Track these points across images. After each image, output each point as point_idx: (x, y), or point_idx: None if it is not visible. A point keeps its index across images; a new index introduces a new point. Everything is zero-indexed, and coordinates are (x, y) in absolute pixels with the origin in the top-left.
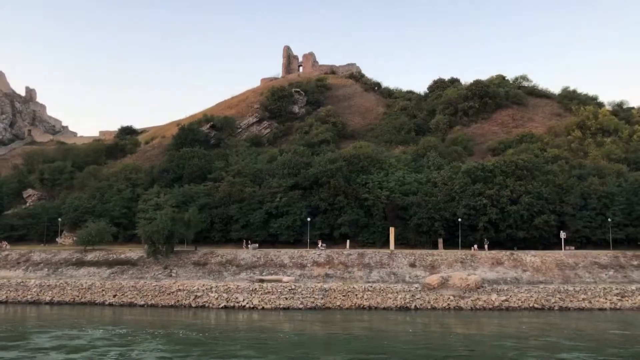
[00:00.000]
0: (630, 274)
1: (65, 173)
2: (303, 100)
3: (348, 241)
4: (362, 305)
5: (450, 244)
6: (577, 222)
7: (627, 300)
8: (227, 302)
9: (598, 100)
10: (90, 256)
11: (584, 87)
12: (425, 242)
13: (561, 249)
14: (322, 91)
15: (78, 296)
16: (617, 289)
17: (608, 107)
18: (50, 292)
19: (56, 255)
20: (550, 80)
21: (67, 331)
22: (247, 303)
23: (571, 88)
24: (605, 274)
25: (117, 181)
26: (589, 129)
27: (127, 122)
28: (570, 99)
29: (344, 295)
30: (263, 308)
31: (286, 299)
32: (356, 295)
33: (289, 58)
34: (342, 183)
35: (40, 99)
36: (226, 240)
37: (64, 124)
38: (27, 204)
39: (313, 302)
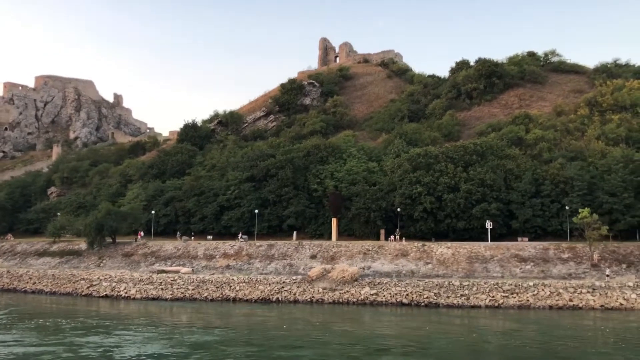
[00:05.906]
0: (551, 269)
1: (80, 172)
2: (317, 91)
3: (295, 233)
4: (228, 297)
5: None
6: (526, 210)
7: (514, 298)
8: (111, 291)
9: None
10: (55, 247)
11: None
12: (370, 233)
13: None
14: (338, 81)
15: (8, 283)
16: (510, 284)
17: None
18: None
19: (33, 246)
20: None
21: None
22: (126, 293)
23: (622, 61)
24: (520, 269)
25: (113, 177)
26: (600, 105)
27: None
28: (602, 73)
29: (216, 287)
30: (134, 298)
31: (162, 289)
32: (230, 286)
33: (326, 50)
34: (289, 174)
35: (128, 103)
36: (192, 233)
37: (149, 125)
38: (49, 201)
39: (182, 293)
